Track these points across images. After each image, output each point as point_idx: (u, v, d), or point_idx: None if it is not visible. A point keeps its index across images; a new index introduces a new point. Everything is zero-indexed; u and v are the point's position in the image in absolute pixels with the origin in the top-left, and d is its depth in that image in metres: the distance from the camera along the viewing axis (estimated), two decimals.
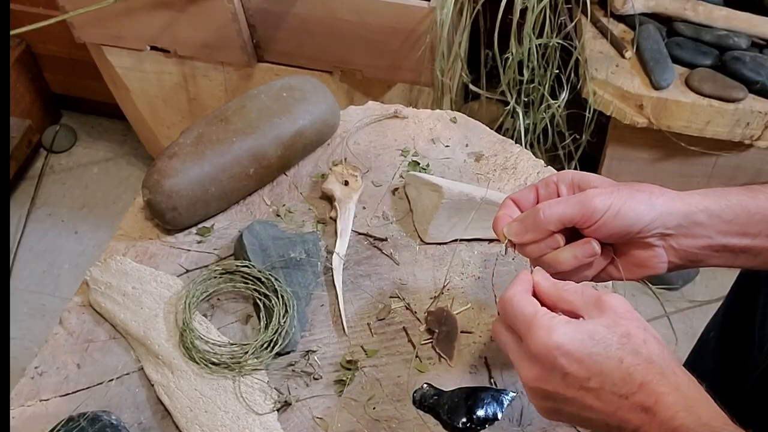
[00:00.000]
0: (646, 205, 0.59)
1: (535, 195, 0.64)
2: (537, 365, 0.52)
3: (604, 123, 1.40)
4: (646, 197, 0.59)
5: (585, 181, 0.62)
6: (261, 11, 1.30)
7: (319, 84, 0.91)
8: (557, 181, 0.63)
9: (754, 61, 1.27)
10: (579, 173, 0.63)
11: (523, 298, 0.55)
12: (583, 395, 0.51)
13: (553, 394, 0.52)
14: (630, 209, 0.58)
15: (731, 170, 1.40)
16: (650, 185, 0.61)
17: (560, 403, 0.52)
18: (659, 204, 0.59)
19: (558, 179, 0.63)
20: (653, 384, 0.49)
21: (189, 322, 0.71)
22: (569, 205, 0.59)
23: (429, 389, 0.68)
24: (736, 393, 0.86)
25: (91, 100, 1.90)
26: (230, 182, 0.82)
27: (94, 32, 1.41)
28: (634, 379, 0.49)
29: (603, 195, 0.59)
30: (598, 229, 0.59)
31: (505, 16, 1.26)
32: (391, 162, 0.90)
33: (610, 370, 0.50)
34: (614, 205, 0.58)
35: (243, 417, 0.67)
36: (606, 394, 0.50)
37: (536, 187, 0.64)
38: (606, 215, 0.58)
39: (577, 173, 0.63)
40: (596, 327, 0.51)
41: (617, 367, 0.49)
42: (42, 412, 0.68)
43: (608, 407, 0.50)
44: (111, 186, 1.85)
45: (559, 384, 0.51)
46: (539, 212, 0.60)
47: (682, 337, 1.49)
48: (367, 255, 0.81)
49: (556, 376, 0.51)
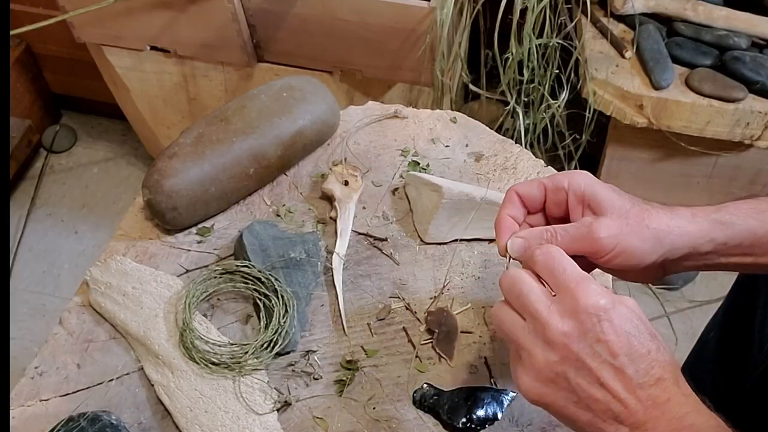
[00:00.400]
0: (652, 243, 0.58)
1: (542, 195, 0.62)
2: (574, 320, 0.50)
3: (604, 123, 1.40)
4: (654, 236, 0.58)
5: (595, 199, 0.59)
6: (261, 11, 1.30)
7: (319, 84, 0.91)
8: (567, 190, 0.60)
9: (754, 61, 1.27)
10: (590, 184, 0.60)
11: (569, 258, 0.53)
12: (604, 369, 0.49)
13: (572, 356, 0.50)
14: (637, 248, 0.58)
15: (731, 170, 1.40)
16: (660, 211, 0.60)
17: (571, 371, 0.50)
18: (668, 241, 0.59)
19: (569, 187, 0.60)
20: (669, 382, 0.49)
21: (189, 322, 0.71)
22: (576, 240, 0.58)
23: (429, 389, 0.68)
24: (736, 393, 0.86)
25: (91, 100, 1.90)
26: (230, 182, 0.82)
27: (94, 32, 1.41)
28: (654, 372, 0.49)
29: (610, 231, 0.57)
30: (605, 263, 0.59)
31: (505, 16, 1.26)
32: (391, 162, 0.90)
33: (639, 356, 0.49)
34: (621, 244, 0.57)
35: (243, 417, 0.67)
36: (625, 377, 0.49)
37: (545, 186, 0.61)
38: (611, 253, 0.58)
39: (589, 184, 0.60)
40: (634, 313, 0.51)
41: (645, 355, 0.49)
42: (42, 412, 0.68)
43: (620, 391, 0.49)
44: (111, 186, 1.86)
45: (586, 348, 0.49)
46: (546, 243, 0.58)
47: (682, 337, 1.49)
48: (367, 255, 0.81)
49: (590, 338, 0.49)
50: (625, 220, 0.58)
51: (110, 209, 1.80)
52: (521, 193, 0.61)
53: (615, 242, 0.57)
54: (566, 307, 0.51)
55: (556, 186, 0.61)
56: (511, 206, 0.62)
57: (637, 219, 0.58)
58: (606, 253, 0.58)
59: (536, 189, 0.61)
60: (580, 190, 0.60)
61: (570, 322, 0.50)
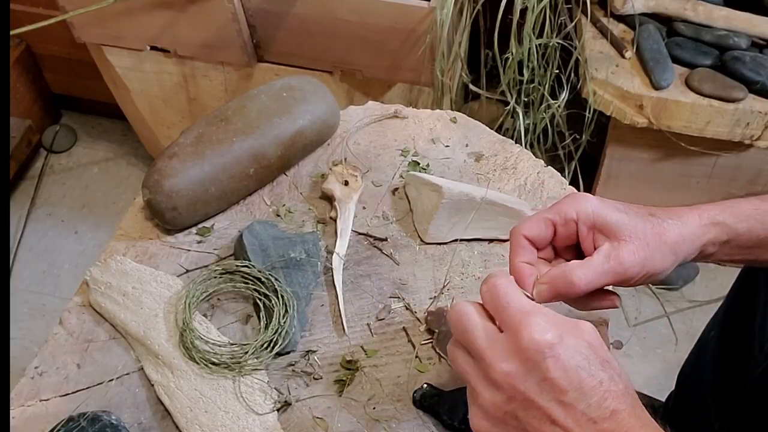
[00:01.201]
0: (671, 257, 0.58)
1: (552, 231, 0.59)
2: (517, 360, 0.48)
3: (604, 123, 1.40)
4: (672, 251, 0.58)
5: (606, 225, 0.58)
6: (261, 11, 1.30)
7: (319, 84, 0.91)
8: (577, 220, 0.58)
9: (754, 61, 1.27)
10: (599, 210, 0.58)
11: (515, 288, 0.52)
12: (553, 407, 0.47)
13: (519, 395, 0.48)
14: (659, 265, 0.57)
15: (731, 170, 1.40)
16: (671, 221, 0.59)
17: (520, 410, 0.48)
18: (682, 253, 0.59)
19: (578, 217, 0.58)
20: (625, 414, 0.47)
21: (189, 322, 0.71)
22: (602, 273, 0.56)
23: (429, 389, 0.68)
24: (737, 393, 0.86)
25: (91, 100, 1.90)
26: (230, 182, 0.82)
27: (94, 32, 1.41)
28: (608, 405, 0.47)
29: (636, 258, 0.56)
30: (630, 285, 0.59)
31: (505, 16, 1.26)
32: (391, 162, 0.90)
33: (590, 390, 0.47)
34: (646, 267, 0.57)
35: (243, 417, 0.67)
36: (577, 413, 0.47)
37: (553, 222, 0.59)
38: (639, 277, 0.57)
39: (598, 211, 0.58)
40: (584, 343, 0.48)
41: (596, 388, 0.47)
42: (42, 412, 0.68)
43: (574, 427, 0.47)
44: (111, 186, 1.85)
45: (532, 387, 0.48)
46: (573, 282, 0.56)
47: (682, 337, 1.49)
48: (367, 255, 0.81)
49: (535, 377, 0.48)
50: (644, 242, 0.57)
51: (110, 209, 1.80)
52: (529, 236, 0.59)
53: (641, 267, 0.57)
54: (510, 345, 0.49)
55: (565, 219, 0.59)
56: (522, 252, 0.59)
57: (656, 237, 0.57)
58: (633, 278, 0.57)
59: (544, 227, 0.59)
60: (590, 219, 0.58)
61: (514, 361, 0.48)
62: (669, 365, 1.47)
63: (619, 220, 0.58)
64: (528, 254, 0.59)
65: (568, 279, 0.56)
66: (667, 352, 1.50)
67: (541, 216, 0.59)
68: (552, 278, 0.57)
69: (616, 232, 0.57)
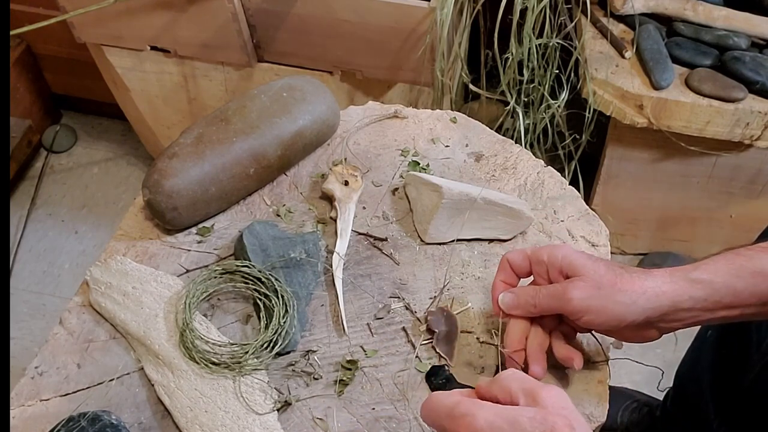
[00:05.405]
0: (628, 306, 0.62)
1: (528, 264, 0.69)
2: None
3: (604, 123, 1.40)
4: (628, 298, 0.62)
5: (571, 268, 0.65)
6: (261, 11, 1.30)
7: (319, 84, 0.91)
8: (547, 263, 0.66)
9: (754, 61, 1.27)
10: (567, 255, 0.65)
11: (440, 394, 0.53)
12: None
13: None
14: (610, 310, 0.62)
15: (731, 170, 1.40)
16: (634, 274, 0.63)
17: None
18: (642, 302, 0.62)
19: (548, 261, 0.66)
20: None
21: (189, 322, 0.71)
22: (553, 298, 0.64)
23: (445, 371, 0.69)
24: (735, 391, 0.86)
25: (91, 100, 1.90)
26: (230, 182, 0.82)
27: (94, 32, 1.41)
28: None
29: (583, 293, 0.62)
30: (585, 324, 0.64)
31: (505, 16, 1.26)
32: (391, 162, 0.91)
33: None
34: (592, 306, 0.62)
35: (243, 417, 0.67)
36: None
37: (528, 258, 0.68)
38: (586, 317, 0.62)
39: (566, 256, 0.65)
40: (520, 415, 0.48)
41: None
42: (42, 412, 0.68)
43: None
44: (111, 186, 1.86)
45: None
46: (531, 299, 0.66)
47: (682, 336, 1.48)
48: (367, 255, 0.81)
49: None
50: (596, 282, 0.63)
51: (110, 209, 1.80)
52: (510, 261, 0.69)
53: (586, 304, 0.62)
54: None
55: (537, 259, 0.67)
56: (503, 273, 0.70)
57: (610, 283, 0.62)
58: (578, 312, 0.62)
59: (522, 259, 0.69)
60: (558, 263, 0.66)
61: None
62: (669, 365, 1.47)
63: (583, 264, 0.64)
64: (507, 275, 0.70)
65: (530, 294, 0.66)
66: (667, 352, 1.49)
67: (523, 250, 0.70)
68: (518, 289, 0.68)
69: (579, 275, 0.64)
